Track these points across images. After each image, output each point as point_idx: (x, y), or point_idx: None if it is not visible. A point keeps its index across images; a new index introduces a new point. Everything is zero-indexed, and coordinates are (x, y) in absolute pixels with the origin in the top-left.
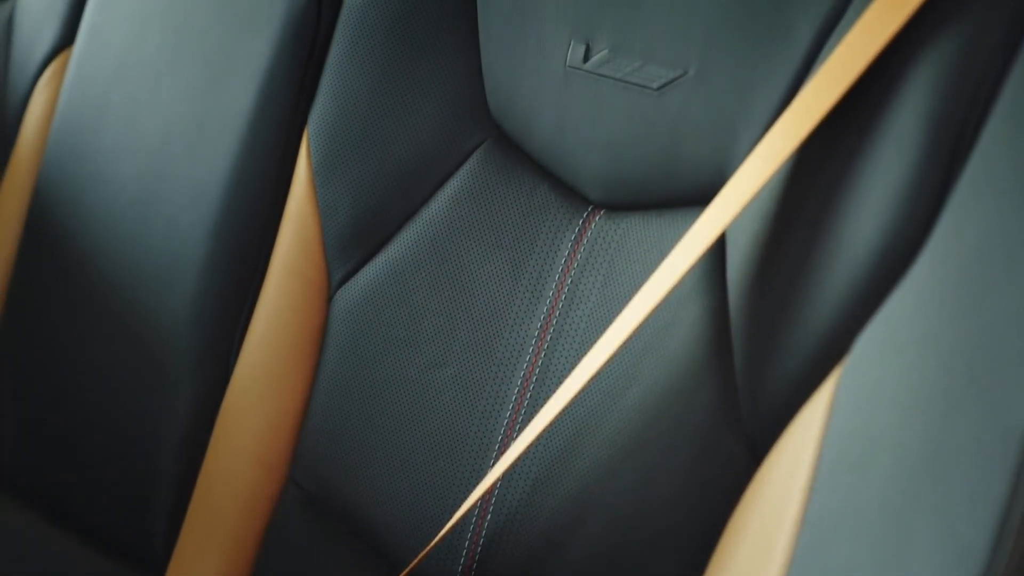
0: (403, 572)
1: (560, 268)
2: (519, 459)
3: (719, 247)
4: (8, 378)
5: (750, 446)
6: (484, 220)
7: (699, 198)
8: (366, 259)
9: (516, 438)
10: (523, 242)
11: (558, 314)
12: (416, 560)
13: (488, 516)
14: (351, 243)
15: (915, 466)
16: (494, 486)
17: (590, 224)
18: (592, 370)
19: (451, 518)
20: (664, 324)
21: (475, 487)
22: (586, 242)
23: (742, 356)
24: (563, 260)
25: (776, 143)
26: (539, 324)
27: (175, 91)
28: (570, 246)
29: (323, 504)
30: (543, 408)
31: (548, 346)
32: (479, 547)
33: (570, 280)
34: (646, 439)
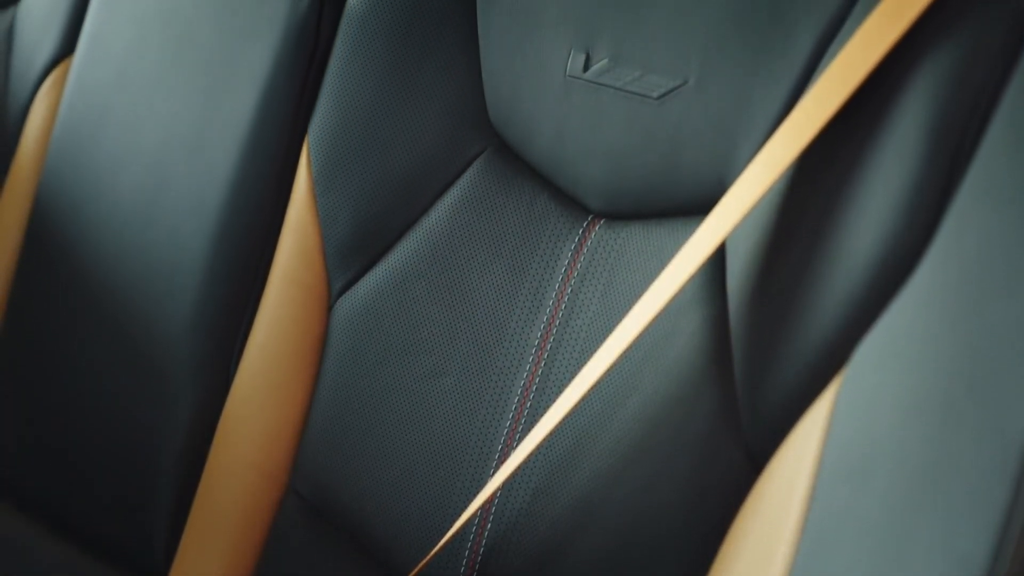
0: None
1: (560, 277)
2: (519, 468)
3: (719, 256)
4: (9, 387)
5: (750, 454)
6: (484, 229)
7: (699, 207)
8: (366, 268)
9: (516, 447)
10: (523, 251)
11: (558, 323)
12: (416, 569)
13: (488, 525)
14: (351, 252)
15: (915, 474)
16: (494, 495)
17: (590, 233)
18: (592, 379)
19: (451, 527)
20: (664, 333)
21: (475, 496)
22: (586, 251)
23: (742, 365)
24: (563, 269)
25: (776, 152)
26: (539, 333)
27: (176, 99)
28: (570, 255)
29: (323, 512)
30: (543, 417)
31: (548, 355)
32: (479, 556)
33: (570, 289)
34: (646, 448)
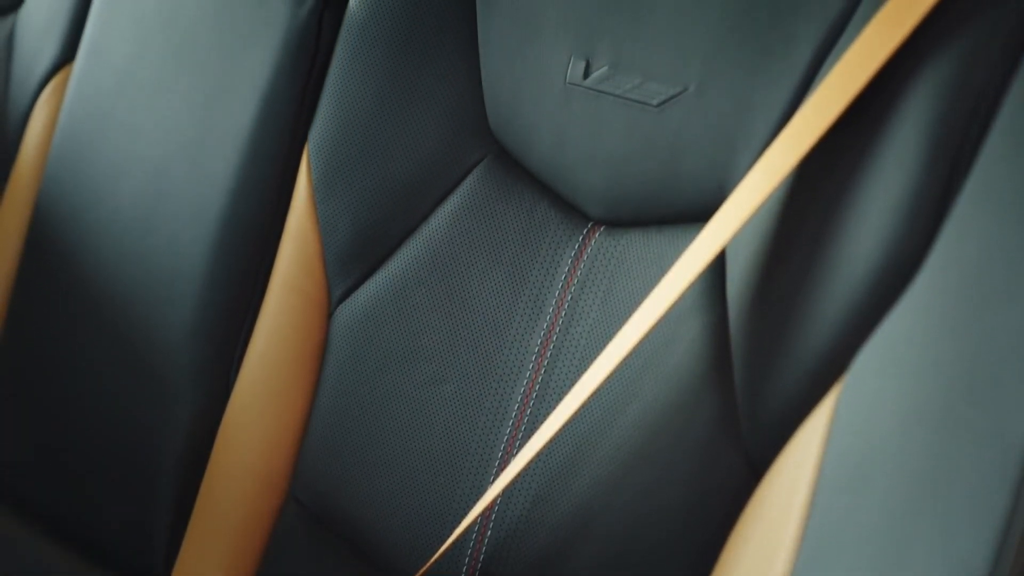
0: None
1: (560, 284)
2: (519, 475)
3: (719, 263)
4: (9, 393)
5: (750, 462)
6: (484, 236)
7: (699, 214)
8: (366, 275)
9: (516, 454)
10: (523, 258)
11: (558, 330)
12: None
13: (488, 532)
14: (351, 259)
15: (915, 480)
16: (494, 502)
17: (590, 240)
18: (592, 386)
19: (451, 534)
20: (664, 340)
21: (475, 503)
22: (586, 258)
23: (742, 372)
24: (563, 276)
25: (776, 159)
26: (539, 340)
27: (175, 107)
28: (570, 262)
29: (323, 519)
30: (543, 424)
31: (548, 362)
32: (479, 563)
33: (570, 296)
34: (646, 455)
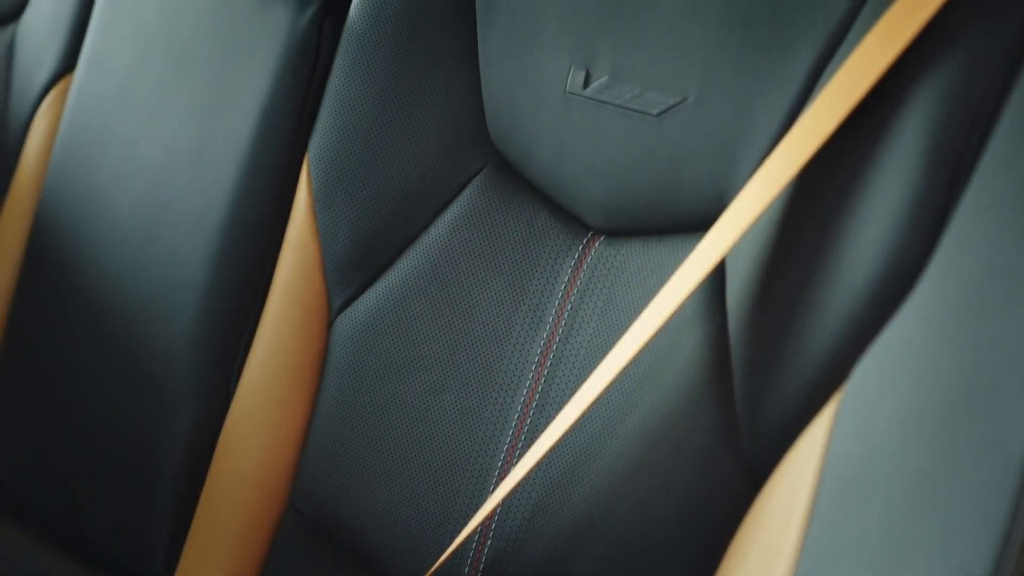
0: None
1: (560, 294)
2: (519, 485)
3: (719, 273)
4: (9, 403)
5: (750, 471)
6: (484, 246)
7: (699, 224)
8: (366, 285)
9: (516, 464)
10: (523, 268)
11: (558, 340)
12: None
13: (488, 542)
14: (351, 269)
15: (915, 491)
16: (494, 512)
17: (590, 250)
18: (592, 396)
19: (451, 543)
20: (664, 350)
21: (475, 513)
22: (586, 268)
23: (742, 381)
24: (563, 286)
25: (776, 168)
26: (539, 350)
27: (176, 116)
28: (570, 272)
29: (323, 528)
30: (543, 434)
31: (548, 372)
32: (479, 572)
33: (570, 306)
34: (646, 464)
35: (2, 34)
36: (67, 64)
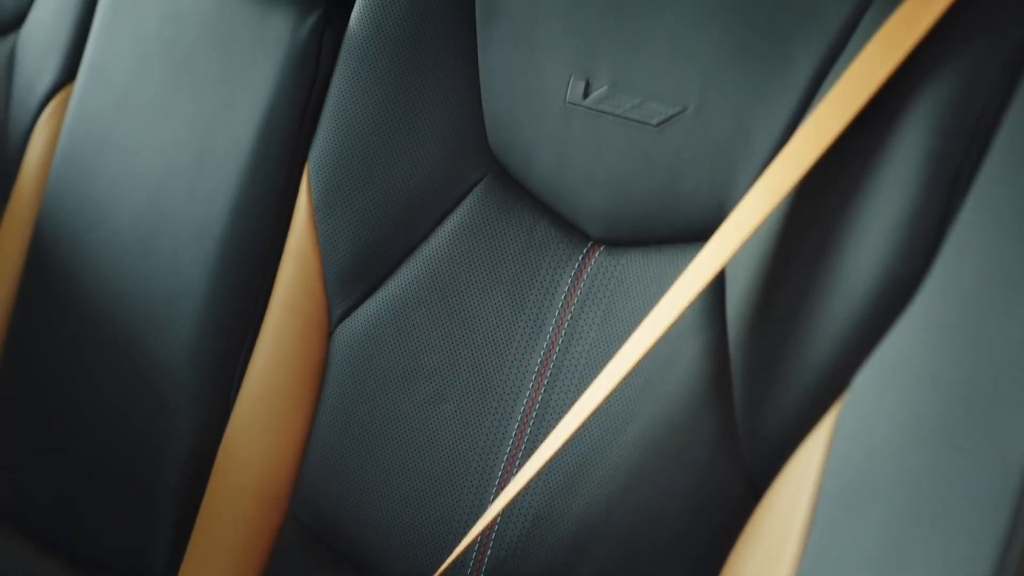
0: None
1: (560, 304)
2: (519, 495)
3: (719, 282)
4: (9, 413)
5: (750, 481)
6: (484, 256)
7: (699, 234)
8: (366, 294)
9: (516, 473)
10: (523, 278)
11: (558, 350)
12: None
13: (488, 552)
14: (351, 278)
15: (915, 500)
16: (494, 521)
17: (590, 260)
18: (592, 405)
19: (452, 553)
20: (664, 360)
21: (475, 522)
22: (586, 278)
23: (742, 391)
24: (563, 296)
25: (775, 179)
26: (539, 360)
27: (176, 126)
28: (570, 282)
29: (323, 539)
30: (543, 443)
31: (548, 381)
32: None
33: (570, 316)
34: (646, 474)
35: (3, 44)
36: (68, 74)
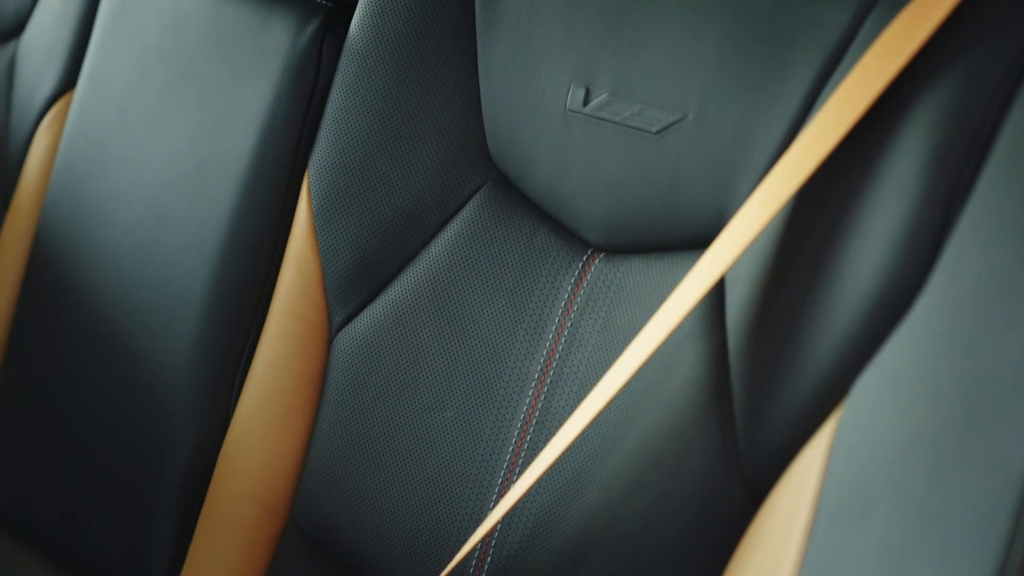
0: None
1: (560, 311)
2: (519, 502)
3: (718, 290)
4: (10, 419)
5: (750, 488)
6: (484, 263)
7: (699, 241)
8: (366, 302)
9: (516, 481)
10: (523, 285)
11: (558, 357)
12: None
13: (488, 559)
14: (352, 286)
15: (914, 509)
16: (494, 528)
17: (590, 267)
18: (592, 413)
19: (452, 560)
20: (663, 367)
21: (475, 529)
22: (586, 285)
23: (741, 399)
24: (563, 303)
25: (775, 186)
26: (539, 367)
27: (176, 134)
28: (570, 289)
29: (323, 545)
30: (543, 450)
31: (548, 389)
32: None
33: (570, 323)
34: (646, 482)
35: (3, 51)
36: (68, 81)
